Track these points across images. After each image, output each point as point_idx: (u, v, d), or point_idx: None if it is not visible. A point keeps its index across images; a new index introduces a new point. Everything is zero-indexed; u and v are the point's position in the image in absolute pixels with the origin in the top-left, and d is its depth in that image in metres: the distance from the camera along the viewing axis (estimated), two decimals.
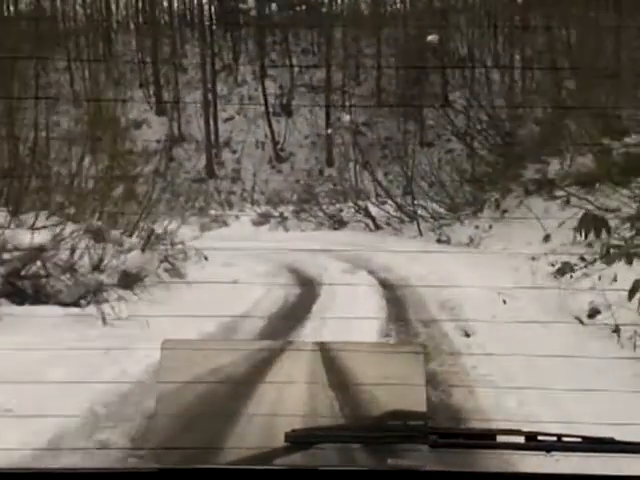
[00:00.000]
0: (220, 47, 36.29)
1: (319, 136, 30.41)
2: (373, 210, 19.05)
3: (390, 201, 19.61)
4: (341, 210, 20.79)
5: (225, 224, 22.53)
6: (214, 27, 36.32)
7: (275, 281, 10.41)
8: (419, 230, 16.13)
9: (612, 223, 11.17)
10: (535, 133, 15.56)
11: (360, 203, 19.54)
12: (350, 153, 23.14)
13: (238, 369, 1.80)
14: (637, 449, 1.65)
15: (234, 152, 30.52)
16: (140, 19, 36.64)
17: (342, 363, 1.80)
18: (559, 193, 13.08)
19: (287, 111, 32.17)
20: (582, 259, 9.16)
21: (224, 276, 10.29)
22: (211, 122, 30.21)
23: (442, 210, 17.41)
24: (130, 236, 9.71)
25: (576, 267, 8.85)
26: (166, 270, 9.59)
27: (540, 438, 1.68)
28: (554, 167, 13.75)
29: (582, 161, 13.21)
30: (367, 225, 18.90)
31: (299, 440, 1.65)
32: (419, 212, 17.37)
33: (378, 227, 18.56)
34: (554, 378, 4.76)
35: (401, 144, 28.32)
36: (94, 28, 34.16)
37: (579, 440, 1.66)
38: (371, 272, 11.35)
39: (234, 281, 9.37)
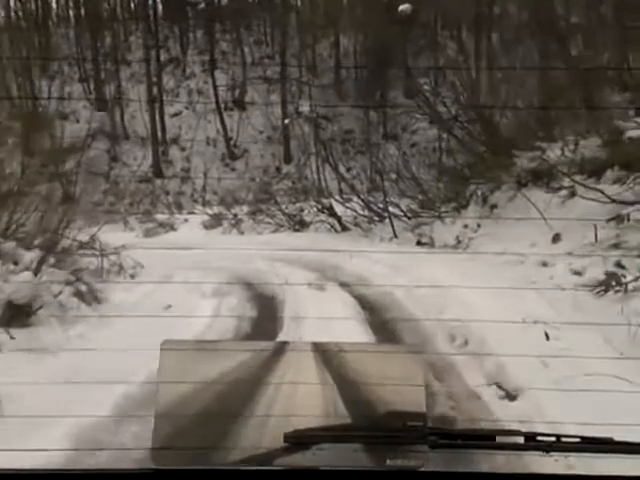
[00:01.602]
0: (166, 38, 33.95)
1: (275, 130, 28.21)
2: (338, 209, 16.88)
3: (356, 198, 17.45)
4: (302, 210, 18.57)
5: (172, 228, 20.22)
6: (159, 17, 33.99)
7: (223, 303, 8.20)
8: (393, 231, 13.94)
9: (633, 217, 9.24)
10: (524, 115, 13.55)
11: (323, 201, 17.33)
12: (311, 146, 20.91)
13: (238, 369, 1.79)
14: (636, 449, 1.65)
15: (183, 149, 28.15)
16: (82, 10, 34.02)
17: (342, 363, 1.79)
18: (561, 184, 11.06)
19: (240, 105, 29.89)
20: (620, 266, 7.11)
21: (158, 297, 8.06)
22: (157, 118, 27.78)
23: (417, 207, 15.31)
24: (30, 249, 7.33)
25: (623, 278, 6.76)
26: (77, 294, 7.25)
27: (539, 438, 1.68)
28: (552, 154, 11.72)
29: (586, 145, 11.23)
30: (332, 226, 16.72)
31: (299, 440, 1.67)
32: (391, 210, 15.23)
33: (345, 228, 16.39)
34: None
35: (365, 137, 26.67)
36: (32, 20, 31.48)
37: (578, 440, 1.67)
38: (344, 286, 9.16)
39: (167, 306, 7.17)
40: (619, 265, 7.18)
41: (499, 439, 1.71)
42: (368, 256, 11.21)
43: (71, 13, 35.08)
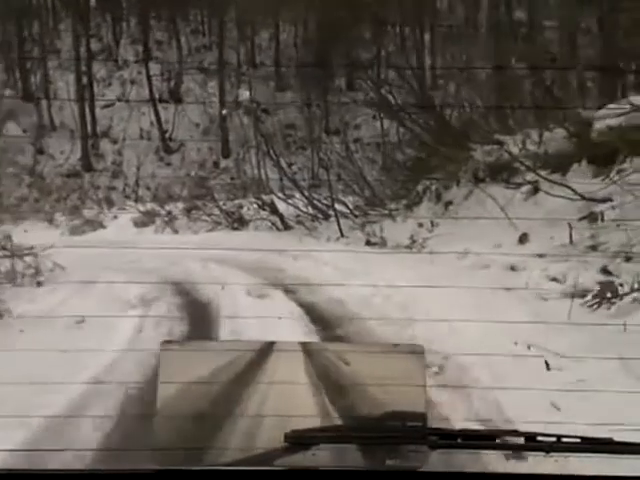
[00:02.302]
0: (98, 26, 32.32)
1: (213, 123, 26.93)
2: (280, 206, 15.77)
3: (299, 195, 16.38)
4: (241, 206, 17.39)
5: (101, 226, 18.84)
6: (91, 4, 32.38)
7: (147, 319, 7.01)
8: (339, 229, 12.88)
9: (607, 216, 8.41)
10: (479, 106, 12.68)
11: (264, 197, 16.18)
12: (250, 139, 19.71)
13: (238, 369, 1.78)
14: (636, 450, 1.63)
15: (114, 142, 26.64)
16: None
17: (342, 363, 1.78)
18: (522, 179, 10.20)
19: (175, 96, 28.50)
20: (607, 272, 6.20)
21: (72, 307, 6.89)
22: (87, 109, 26.21)
23: (364, 204, 14.33)
24: None
25: (620, 287, 5.83)
26: None
27: (539, 439, 1.66)
28: (511, 148, 10.85)
29: (551, 137, 10.40)
30: (274, 224, 15.60)
31: (299, 441, 1.66)
32: (337, 207, 14.21)
33: (287, 226, 15.29)
34: None
35: (306, 131, 25.63)
36: None
37: (578, 441, 1.65)
38: (290, 292, 8.05)
39: (79, 321, 6.00)
40: (606, 271, 6.28)
41: (499, 439, 1.69)
42: (314, 257, 10.18)
43: None
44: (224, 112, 21.43)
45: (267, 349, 1.82)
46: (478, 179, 11.07)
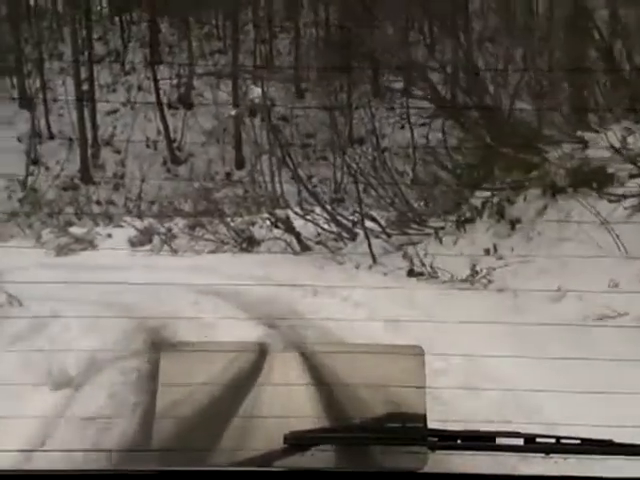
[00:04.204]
0: (105, 29, 30.04)
1: (226, 132, 24.42)
2: (297, 223, 13.12)
3: (319, 209, 13.76)
4: (253, 223, 14.76)
5: (91, 245, 16.32)
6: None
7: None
8: (372, 254, 10.14)
9: None
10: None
11: (278, 213, 13.51)
12: (264, 145, 17.06)
13: (238, 371, 1.79)
14: (636, 451, 1.62)
15: (117, 152, 24.17)
16: None
17: (342, 365, 1.77)
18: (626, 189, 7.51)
19: (186, 103, 26.06)
20: None
21: None
22: (86, 115, 23.78)
23: (398, 220, 11.66)
24: None
25: None
26: None
27: (539, 440, 1.66)
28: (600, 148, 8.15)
29: None
30: (289, 244, 12.96)
31: (298, 442, 1.64)
32: (365, 224, 11.56)
33: (305, 247, 12.66)
34: None
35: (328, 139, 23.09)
36: None
37: (578, 442, 1.64)
38: (305, 357, 5.41)
39: None
40: None
41: (499, 440, 1.65)
42: (338, 292, 7.54)
43: None
44: (234, 113, 18.80)
45: (266, 351, 1.93)
46: (556, 189, 8.36)
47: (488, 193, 9.07)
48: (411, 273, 8.57)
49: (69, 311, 7.86)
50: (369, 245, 10.35)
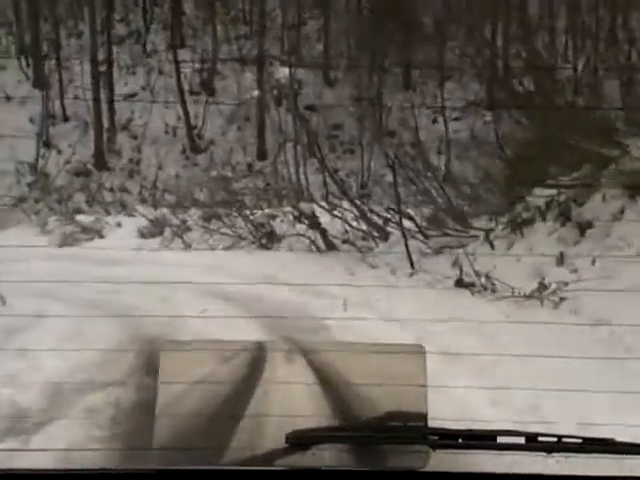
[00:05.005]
0: (127, 9, 28.85)
1: (249, 121, 23.11)
2: (323, 218, 11.76)
3: (347, 204, 12.42)
4: (273, 217, 13.41)
5: (99, 235, 15.11)
6: None
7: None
8: (410, 259, 8.69)
9: None
10: None
11: (303, 206, 12.13)
12: (289, 133, 15.71)
13: (239, 370, 1.76)
14: (638, 450, 1.59)
15: (134, 138, 22.93)
16: None
17: (343, 364, 1.75)
18: None
19: (208, 88, 24.77)
20: None
21: None
22: (103, 98, 22.55)
23: (438, 218, 10.28)
24: None
25: None
26: None
27: (540, 439, 1.63)
28: None
29: None
30: (313, 242, 11.61)
31: (300, 441, 1.62)
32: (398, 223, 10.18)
33: (331, 246, 11.30)
34: None
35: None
36: None
37: (579, 441, 1.61)
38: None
39: None
40: None
41: (500, 439, 1.63)
42: (374, 306, 6.19)
43: None
44: (255, 94, 17.47)
45: (269, 349, 1.90)
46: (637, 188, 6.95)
47: (552, 191, 7.66)
48: (459, 283, 7.17)
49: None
50: (406, 246, 8.96)
